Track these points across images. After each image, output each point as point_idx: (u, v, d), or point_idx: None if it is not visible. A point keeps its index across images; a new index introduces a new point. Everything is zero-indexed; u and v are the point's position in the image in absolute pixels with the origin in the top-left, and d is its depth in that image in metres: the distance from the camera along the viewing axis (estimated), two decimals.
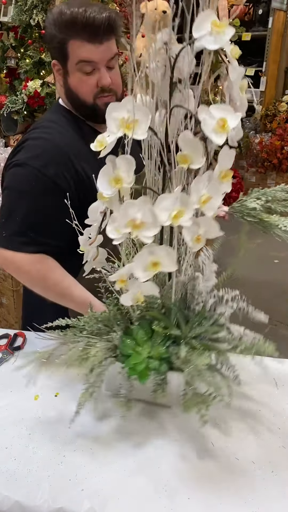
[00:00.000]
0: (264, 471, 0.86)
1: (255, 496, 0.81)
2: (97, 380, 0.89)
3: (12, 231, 1.15)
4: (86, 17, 1.07)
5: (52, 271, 1.19)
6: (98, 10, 1.09)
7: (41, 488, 0.82)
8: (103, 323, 0.97)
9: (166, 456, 0.89)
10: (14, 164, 1.15)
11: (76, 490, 0.82)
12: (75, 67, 1.12)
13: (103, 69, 1.13)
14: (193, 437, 0.93)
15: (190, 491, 0.82)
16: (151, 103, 0.82)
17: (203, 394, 0.87)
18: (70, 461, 0.87)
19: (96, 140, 0.77)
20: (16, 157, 1.16)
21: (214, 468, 0.87)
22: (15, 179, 1.16)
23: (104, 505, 0.79)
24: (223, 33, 0.70)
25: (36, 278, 1.19)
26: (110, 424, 0.96)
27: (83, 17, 1.07)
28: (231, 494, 0.81)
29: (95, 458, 0.88)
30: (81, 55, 1.10)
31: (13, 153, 1.19)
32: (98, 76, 1.13)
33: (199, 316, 0.93)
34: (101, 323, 0.97)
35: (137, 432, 0.94)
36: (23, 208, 1.14)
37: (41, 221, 1.16)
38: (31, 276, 1.19)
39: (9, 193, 1.17)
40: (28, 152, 1.15)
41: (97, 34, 1.08)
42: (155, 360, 0.89)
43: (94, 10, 1.08)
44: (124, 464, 0.87)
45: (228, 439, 0.93)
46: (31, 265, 1.17)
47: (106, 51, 1.11)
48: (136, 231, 0.73)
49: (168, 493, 0.81)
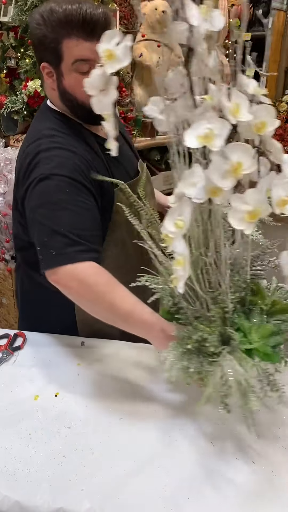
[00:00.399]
0: (265, 471, 0.86)
1: (255, 496, 0.81)
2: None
3: (62, 245, 1.02)
4: (82, 14, 1.01)
5: (119, 285, 1.02)
6: (92, 6, 1.04)
7: (41, 488, 0.82)
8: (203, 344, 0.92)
9: (166, 456, 0.89)
10: (38, 180, 1.06)
11: (76, 490, 0.82)
12: (71, 67, 1.07)
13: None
14: (193, 437, 0.93)
15: (190, 491, 0.82)
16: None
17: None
18: (70, 461, 0.88)
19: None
20: (35, 174, 1.07)
21: (214, 468, 0.86)
22: (45, 193, 1.06)
23: (104, 505, 0.79)
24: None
25: (102, 292, 1.01)
26: (110, 424, 0.96)
27: (79, 14, 1.01)
28: (232, 495, 0.81)
29: (95, 458, 0.88)
30: (77, 54, 1.05)
31: (26, 172, 1.10)
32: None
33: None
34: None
35: (137, 433, 0.94)
36: (65, 218, 1.04)
37: (87, 226, 1.07)
38: (97, 290, 1.01)
39: (44, 210, 1.05)
40: (47, 164, 1.07)
41: (94, 31, 1.03)
42: (268, 338, 0.89)
43: (89, 6, 1.03)
44: (124, 464, 0.87)
45: (228, 439, 0.93)
46: (97, 276, 1.01)
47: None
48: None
49: (168, 493, 0.81)
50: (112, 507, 0.79)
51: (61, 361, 1.15)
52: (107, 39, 0.76)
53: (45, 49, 1.08)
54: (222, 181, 0.72)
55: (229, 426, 0.96)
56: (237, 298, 0.92)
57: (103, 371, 1.11)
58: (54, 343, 1.22)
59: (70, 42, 1.04)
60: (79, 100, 1.11)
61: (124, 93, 2.62)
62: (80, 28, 1.03)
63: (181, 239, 0.80)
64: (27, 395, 1.04)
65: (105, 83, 0.80)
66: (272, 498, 0.81)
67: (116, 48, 0.76)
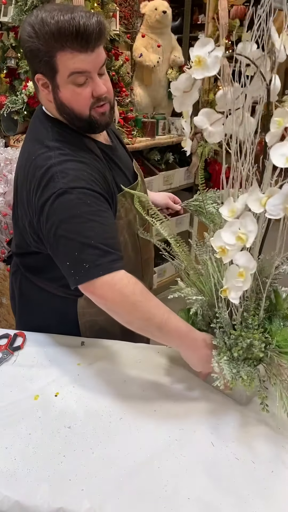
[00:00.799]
0: (264, 471, 0.86)
1: (255, 496, 0.81)
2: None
3: (95, 257, 1.01)
4: (75, 26, 0.96)
5: (151, 294, 1.04)
6: (85, 15, 0.98)
7: (41, 488, 0.82)
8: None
9: (165, 456, 0.89)
10: (56, 196, 1.02)
11: (76, 490, 0.82)
12: (67, 80, 1.03)
13: (96, 78, 1.05)
14: (193, 437, 0.93)
15: (190, 491, 0.82)
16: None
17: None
18: (70, 461, 0.88)
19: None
20: (51, 189, 1.03)
21: (214, 468, 0.87)
22: (68, 207, 1.02)
23: (104, 504, 0.79)
24: None
25: (139, 302, 1.01)
26: (108, 424, 0.96)
27: (72, 26, 0.96)
28: (231, 494, 0.81)
29: (95, 458, 0.88)
30: (72, 67, 1.01)
31: (39, 187, 1.05)
32: (92, 85, 1.05)
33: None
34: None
35: (137, 433, 0.94)
36: (93, 229, 1.02)
37: (113, 235, 1.07)
38: (134, 299, 1.00)
39: (69, 225, 1.03)
40: (63, 178, 1.03)
41: (89, 42, 0.99)
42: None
43: (82, 16, 0.97)
44: (124, 464, 0.87)
45: (228, 438, 0.93)
46: (133, 286, 1.01)
47: (98, 58, 1.03)
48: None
49: (167, 493, 0.82)
50: (112, 507, 0.79)
51: (61, 361, 1.15)
52: (199, 46, 0.79)
53: (39, 61, 1.03)
54: None
55: (229, 426, 0.96)
56: (266, 305, 0.97)
57: (103, 371, 1.11)
58: (54, 343, 1.22)
59: (65, 56, 1.00)
60: (76, 112, 1.08)
61: (124, 93, 2.62)
62: (74, 40, 0.98)
63: (245, 252, 0.84)
64: (27, 395, 1.04)
65: (190, 86, 0.84)
66: (272, 498, 0.81)
67: (207, 56, 0.78)
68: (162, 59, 2.95)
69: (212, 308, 0.99)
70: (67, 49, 0.99)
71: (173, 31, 3.12)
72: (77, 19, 0.97)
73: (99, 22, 1.00)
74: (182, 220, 3.34)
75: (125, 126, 2.59)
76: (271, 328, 0.97)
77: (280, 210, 0.78)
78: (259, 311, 0.96)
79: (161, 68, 3.01)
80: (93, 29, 0.98)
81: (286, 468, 0.87)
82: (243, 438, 0.93)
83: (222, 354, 0.95)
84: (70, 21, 0.96)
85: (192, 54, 0.80)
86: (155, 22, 2.87)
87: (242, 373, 0.92)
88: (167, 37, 3.01)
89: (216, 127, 0.88)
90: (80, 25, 0.96)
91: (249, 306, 0.96)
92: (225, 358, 0.94)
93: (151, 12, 2.86)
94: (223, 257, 0.86)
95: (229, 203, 0.86)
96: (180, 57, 3.06)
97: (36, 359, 1.16)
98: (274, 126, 0.79)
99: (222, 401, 1.03)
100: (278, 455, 0.89)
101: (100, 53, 1.04)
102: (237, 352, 0.93)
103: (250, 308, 0.96)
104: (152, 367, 1.14)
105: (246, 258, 0.84)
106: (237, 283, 0.85)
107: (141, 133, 2.82)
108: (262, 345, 0.92)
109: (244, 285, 0.85)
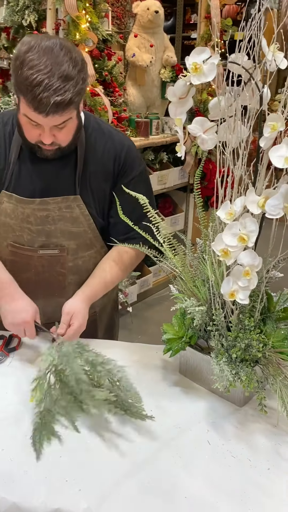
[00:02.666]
0: (260, 468, 0.86)
1: (251, 494, 0.81)
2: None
3: None
4: (35, 94, 0.95)
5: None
6: (59, 89, 0.96)
7: (38, 489, 0.82)
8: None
9: (162, 455, 0.89)
10: None
11: (73, 490, 0.82)
12: (23, 113, 1.04)
13: (46, 131, 1.04)
14: (189, 436, 0.94)
15: (187, 490, 0.82)
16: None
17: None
18: (67, 462, 0.87)
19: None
20: None
21: (210, 467, 0.87)
22: None
23: (101, 504, 0.79)
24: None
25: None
26: (106, 425, 0.96)
27: (32, 92, 0.95)
28: (228, 492, 0.82)
29: (92, 458, 0.88)
30: (26, 113, 1.02)
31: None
32: (42, 131, 1.05)
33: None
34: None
35: (133, 433, 0.94)
36: None
37: None
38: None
39: None
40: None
41: (42, 111, 0.98)
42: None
43: (50, 86, 0.95)
44: (121, 463, 0.87)
45: (224, 437, 0.93)
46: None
47: (54, 120, 1.01)
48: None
49: (164, 492, 0.82)
50: (109, 506, 0.79)
51: None
52: (196, 53, 0.84)
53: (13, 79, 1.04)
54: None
55: (225, 424, 0.96)
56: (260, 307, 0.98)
57: None
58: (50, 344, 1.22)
59: (23, 101, 1.01)
60: (24, 135, 1.10)
61: (117, 93, 2.62)
62: (30, 101, 0.98)
63: (250, 251, 0.86)
64: (23, 396, 1.03)
65: (186, 93, 0.89)
66: (267, 495, 0.81)
67: (203, 63, 0.83)
68: (155, 58, 2.95)
69: (208, 312, 1.00)
70: (25, 101, 0.99)
71: (165, 30, 3.13)
72: (40, 89, 0.95)
73: (62, 102, 0.97)
74: (177, 220, 3.35)
75: (118, 126, 2.59)
76: (266, 329, 0.99)
77: (280, 209, 0.80)
78: (254, 313, 0.97)
79: (154, 68, 3.02)
80: (57, 105, 0.97)
81: (282, 465, 0.87)
82: (239, 436, 0.94)
83: (220, 356, 0.96)
84: (35, 86, 0.95)
85: (188, 62, 0.83)
86: (147, 22, 2.87)
87: (241, 374, 0.92)
88: (160, 36, 3.01)
89: (209, 134, 0.91)
90: (39, 97, 0.95)
91: (244, 308, 0.97)
92: (223, 360, 0.95)
93: (143, 12, 2.86)
94: (226, 259, 0.87)
95: (226, 206, 0.87)
96: (173, 57, 3.06)
97: (31, 361, 1.16)
98: (268, 130, 0.81)
99: (218, 401, 1.03)
100: (274, 453, 0.90)
101: (57, 118, 1.01)
102: (235, 353, 0.94)
103: (246, 310, 0.97)
104: (149, 366, 1.14)
105: (251, 257, 0.86)
106: (244, 283, 0.87)
107: (134, 133, 2.82)
108: (260, 346, 0.93)
109: (250, 284, 0.87)
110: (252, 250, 0.87)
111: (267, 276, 0.98)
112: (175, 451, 0.90)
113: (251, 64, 0.87)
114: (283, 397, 0.90)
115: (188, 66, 0.83)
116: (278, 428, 0.96)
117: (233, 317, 0.97)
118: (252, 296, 0.95)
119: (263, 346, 0.94)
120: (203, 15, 3.07)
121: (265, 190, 0.85)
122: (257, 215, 0.87)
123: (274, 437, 0.94)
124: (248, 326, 0.95)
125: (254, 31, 0.83)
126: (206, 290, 1.02)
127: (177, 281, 1.09)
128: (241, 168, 0.90)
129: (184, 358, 1.10)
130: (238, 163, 0.89)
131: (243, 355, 0.94)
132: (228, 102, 0.89)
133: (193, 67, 0.82)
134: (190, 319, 1.02)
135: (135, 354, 1.19)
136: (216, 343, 0.98)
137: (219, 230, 0.96)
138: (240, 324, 0.96)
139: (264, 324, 1.00)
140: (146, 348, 1.22)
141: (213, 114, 0.92)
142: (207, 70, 0.82)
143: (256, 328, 0.96)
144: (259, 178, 0.90)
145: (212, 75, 0.82)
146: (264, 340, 0.94)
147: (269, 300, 1.04)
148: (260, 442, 0.92)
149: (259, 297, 0.96)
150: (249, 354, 0.94)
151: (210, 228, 1.00)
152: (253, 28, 0.83)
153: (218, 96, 0.88)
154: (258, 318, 0.98)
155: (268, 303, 1.04)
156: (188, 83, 0.86)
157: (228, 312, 0.98)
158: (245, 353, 0.94)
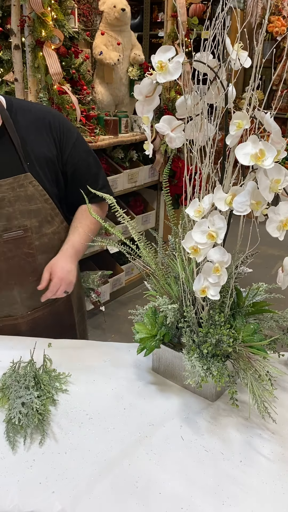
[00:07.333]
0: (233, 461, 0.88)
1: (225, 486, 0.82)
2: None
3: None
4: None
5: None
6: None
7: (10, 493, 0.81)
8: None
9: (136, 453, 0.89)
10: None
11: (47, 492, 0.81)
12: None
13: None
14: (162, 432, 0.94)
15: (161, 486, 0.82)
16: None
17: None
18: (39, 464, 0.86)
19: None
20: None
21: (184, 462, 0.87)
22: None
23: (75, 505, 0.79)
24: None
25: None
26: (78, 425, 0.96)
27: None
28: (202, 486, 0.82)
29: (66, 459, 0.88)
30: None
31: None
32: None
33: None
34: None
35: (106, 431, 0.94)
36: None
37: None
38: None
39: None
40: None
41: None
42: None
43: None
44: (95, 463, 0.87)
45: (197, 432, 0.94)
46: None
47: None
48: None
49: (139, 489, 0.82)
50: (84, 507, 0.79)
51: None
52: (161, 52, 0.84)
53: None
54: (268, 194, 0.82)
55: (198, 419, 0.97)
56: (230, 303, 1.00)
57: (72, 371, 1.10)
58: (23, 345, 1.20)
59: None
60: None
61: (85, 91, 2.60)
62: None
63: (219, 248, 0.87)
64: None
65: (152, 91, 0.90)
66: (240, 488, 0.83)
67: (168, 62, 0.84)
68: (122, 56, 2.94)
69: (180, 309, 1.01)
70: None
71: (133, 28, 3.12)
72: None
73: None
74: (148, 218, 3.35)
75: (87, 124, 2.57)
76: (235, 324, 1.00)
77: (247, 206, 0.82)
78: (224, 308, 0.98)
79: (122, 66, 3.01)
80: None
81: (254, 457, 0.89)
82: (212, 431, 0.95)
83: (192, 352, 0.97)
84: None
85: (154, 60, 0.84)
86: (114, 19, 2.86)
87: (212, 369, 0.94)
88: (127, 34, 3.01)
89: (177, 133, 0.92)
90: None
91: (215, 304, 0.98)
92: (195, 356, 0.96)
93: (110, 9, 2.85)
94: (196, 256, 0.88)
95: (194, 204, 0.88)
96: (140, 55, 3.06)
97: (1, 363, 1.14)
98: (234, 128, 0.82)
99: (191, 397, 1.04)
100: (247, 446, 0.91)
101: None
102: (206, 348, 0.95)
103: (216, 306, 0.98)
104: (122, 365, 1.14)
105: (220, 253, 0.87)
106: (214, 279, 0.88)
107: (103, 131, 2.81)
108: (230, 340, 0.94)
109: (220, 280, 0.88)
110: (221, 246, 0.89)
111: (236, 272, 1.00)
112: (149, 448, 0.90)
113: (216, 62, 0.88)
114: (253, 390, 0.92)
115: (154, 64, 0.84)
116: (250, 421, 0.97)
117: (203, 313, 0.98)
118: (222, 292, 0.97)
119: (234, 341, 0.95)
120: (170, 14, 3.08)
121: (232, 188, 0.86)
122: (225, 212, 0.88)
123: (246, 430, 0.95)
124: (218, 322, 0.96)
125: (219, 30, 0.84)
126: (179, 288, 1.03)
127: (150, 279, 1.09)
128: (208, 166, 0.91)
129: (156, 356, 1.10)
130: (205, 161, 0.90)
131: (214, 350, 0.95)
132: (195, 101, 0.90)
133: (159, 65, 0.83)
134: (163, 317, 1.03)
135: (107, 353, 1.19)
136: (187, 339, 0.99)
137: (188, 227, 0.97)
138: (210, 320, 0.97)
139: (234, 319, 1.02)
140: (119, 347, 1.22)
141: (180, 113, 0.93)
142: (173, 68, 0.83)
143: (226, 323, 0.97)
144: (226, 176, 0.91)
145: (178, 73, 0.83)
146: (234, 335, 0.96)
147: (239, 295, 1.06)
148: (233, 436, 0.94)
149: (228, 293, 0.97)
150: (220, 349, 0.95)
151: (180, 226, 1.01)
152: (218, 27, 0.84)
153: (185, 94, 0.89)
154: (228, 314, 0.99)
155: (238, 298, 1.05)
156: (154, 82, 0.86)
157: (199, 308, 0.99)
158: (216, 348, 0.95)
